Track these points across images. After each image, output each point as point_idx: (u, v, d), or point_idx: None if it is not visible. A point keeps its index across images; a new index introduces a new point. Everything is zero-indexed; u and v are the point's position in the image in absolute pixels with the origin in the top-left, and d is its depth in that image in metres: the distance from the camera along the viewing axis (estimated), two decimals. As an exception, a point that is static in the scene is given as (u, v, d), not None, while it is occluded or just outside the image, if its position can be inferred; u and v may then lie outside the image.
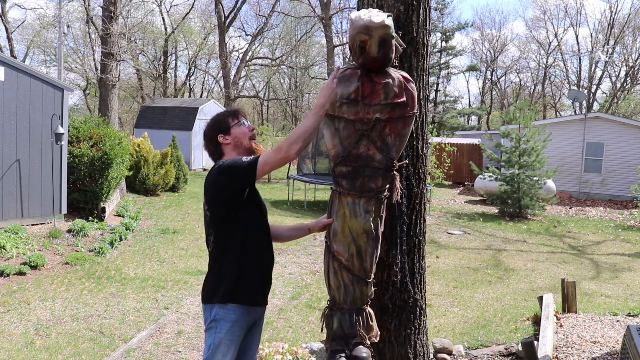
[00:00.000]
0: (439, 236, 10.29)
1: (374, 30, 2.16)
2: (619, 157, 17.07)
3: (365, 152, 2.35)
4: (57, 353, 4.38)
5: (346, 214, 2.40)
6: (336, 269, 2.45)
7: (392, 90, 2.32)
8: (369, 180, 2.38)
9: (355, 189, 2.38)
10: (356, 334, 2.44)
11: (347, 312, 2.45)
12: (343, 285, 2.44)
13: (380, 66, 2.32)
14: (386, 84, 2.31)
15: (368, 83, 2.32)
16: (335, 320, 2.48)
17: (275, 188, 16.92)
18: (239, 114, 2.60)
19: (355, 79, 2.33)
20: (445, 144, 17.38)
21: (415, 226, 2.96)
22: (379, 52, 2.22)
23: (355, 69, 2.37)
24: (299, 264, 7.66)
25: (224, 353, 2.46)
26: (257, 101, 39.04)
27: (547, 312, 4.64)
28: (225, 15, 27.16)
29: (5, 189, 7.93)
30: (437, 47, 33.47)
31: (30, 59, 31.82)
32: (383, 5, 2.86)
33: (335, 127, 2.39)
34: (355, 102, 2.32)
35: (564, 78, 38.75)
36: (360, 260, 2.41)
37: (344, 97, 2.33)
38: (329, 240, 2.50)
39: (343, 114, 2.35)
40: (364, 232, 2.38)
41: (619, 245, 10.29)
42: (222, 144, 2.53)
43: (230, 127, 2.54)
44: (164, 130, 19.39)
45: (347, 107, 2.33)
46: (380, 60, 2.27)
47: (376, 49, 2.21)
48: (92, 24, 23.03)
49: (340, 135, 2.37)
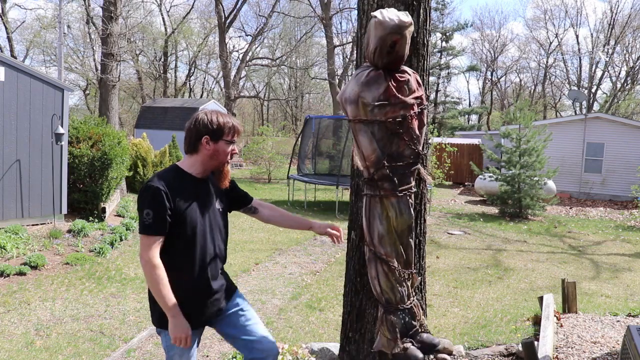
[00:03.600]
0: (439, 236, 10.29)
1: (406, 29, 2.23)
2: (619, 157, 17.07)
3: (397, 150, 2.39)
4: (57, 353, 4.38)
5: (390, 215, 2.43)
6: (386, 271, 2.48)
7: (412, 85, 2.38)
8: (404, 177, 2.42)
9: (396, 188, 2.40)
10: (416, 325, 2.52)
11: (407, 308, 2.51)
12: (396, 284, 2.49)
13: (398, 65, 2.38)
14: (407, 81, 2.37)
15: (392, 82, 2.35)
16: (398, 321, 2.51)
17: (275, 188, 16.92)
18: (235, 132, 2.47)
19: (382, 79, 2.34)
20: (445, 144, 17.37)
21: (415, 226, 2.96)
22: (399, 51, 2.30)
23: (375, 70, 2.37)
24: (299, 264, 7.66)
25: (179, 354, 2.43)
26: (257, 101, 39.07)
27: (547, 312, 4.64)
28: (225, 15, 27.17)
29: (5, 189, 7.93)
30: (437, 47, 33.46)
31: (30, 59, 31.88)
32: (383, 5, 2.86)
33: (370, 131, 2.38)
34: (385, 102, 2.34)
35: (564, 78, 38.82)
36: (406, 255, 2.48)
37: (375, 100, 2.33)
38: (373, 247, 2.50)
39: (375, 117, 2.35)
40: (407, 228, 2.44)
41: (619, 245, 10.29)
42: (203, 145, 2.42)
43: (220, 138, 2.43)
44: (164, 130, 19.40)
45: (378, 109, 2.34)
46: (397, 59, 2.34)
47: (406, 47, 2.30)
48: (92, 24, 23.05)
49: (376, 138, 2.38)
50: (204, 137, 2.41)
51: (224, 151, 2.45)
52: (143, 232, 2.30)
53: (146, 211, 2.29)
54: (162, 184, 2.32)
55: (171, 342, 2.35)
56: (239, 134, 2.50)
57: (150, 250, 2.28)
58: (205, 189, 2.50)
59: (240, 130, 2.51)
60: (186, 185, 2.41)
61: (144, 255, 2.29)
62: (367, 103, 2.34)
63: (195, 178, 2.46)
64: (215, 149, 2.43)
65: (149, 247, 2.29)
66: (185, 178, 2.43)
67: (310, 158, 15.26)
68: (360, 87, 2.35)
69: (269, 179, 18.97)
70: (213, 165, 2.48)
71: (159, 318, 2.42)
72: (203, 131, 2.41)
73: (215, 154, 2.44)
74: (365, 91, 2.33)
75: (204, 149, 2.43)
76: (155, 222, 2.29)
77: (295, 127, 38.19)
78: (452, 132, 30.10)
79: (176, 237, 2.36)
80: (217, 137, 2.42)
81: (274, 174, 19.32)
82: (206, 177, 2.52)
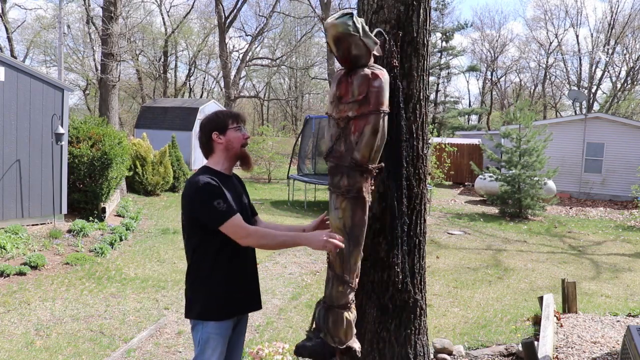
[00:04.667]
0: (439, 236, 10.29)
1: (327, 30, 2.27)
2: (619, 157, 17.06)
3: (339, 150, 2.41)
4: (57, 353, 4.38)
5: (329, 207, 2.49)
6: (329, 261, 2.51)
7: (357, 87, 2.36)
8: (341, 178, 2.43)
9: (332, 184, 2.45)
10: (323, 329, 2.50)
11: (322, 306, 2.52)
12: (329, 279, 2.51)
13: (350, 65, 2.37)
14: (352, 82, 2.37)
15: (344, 82, 2.39)
16: (316, 311, 2.56)
17: (275, 188, 16.92)
18: (239, 118, 2.61)
19: (336, 79, 2.42)
20: (445, 144, 17.36)
21: (415, 226, 2.96)
22: (338, 51, 2.30)
23: (342, 69, 2.44)
24: (299, 264, 7.66)
25: (213, 347, 2.48)
26: (257, 101, 39.05)
27: (547, 312, 4.64)
28: (225, 15, 27.17)
29: (5, 189, 7.93)
30: (437, 47, 33.46)
31: (30, 59, 31.83)
32: (383, 5, 2.86)
33: (329, 125, 2.48)
34: (337, 100, 2.40)
35: (564, 78, 38.79)
36: (341, 258, 2.45)
37: (331, 97, 2.43)
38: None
39: (332, 113, 2.44)
40: (337, 228, 2.43)
41: (619, 245, 10.29)
42: (215, 141, 2.56)
43: (227, 128, 2.56)
44: (164, 130, 19.36)
45: (332, 105, 2.42)
46: (343, 59, 2.34)
47: (334, 47, 2.31)
48: (92, 24, 23.05)
49: (331, 132, 2.46)
50: (213, 133, 2.55)
51: (236, 138, 2.56)
52: (226, 218, 2.38)
53: (216, 201, 2.38)
54: (211, 179, 2.43)
55: (322, 247, 2.35)
56: (242, 119, 2.62)
57: (243, 226, 2.40)
58: (234, 184, 2.63)
59: (242, 116, 2.64)
60: (222, 181, 2.51)
61: (243, 233, 2.39)
62: (329, 99, 2.46)
63: (224, 174, 2.57)
64: (228, 139, 2.55)
65: (241, 225, 2.40)
66: (218, 174, 2.53)
67: (310, 158, 15.26)
68: (331, 84, 2.47)
69: (269, 179, 18.97)
70: (232, 155, 2.59)
71: (199, 310, 2.51)
72: (210, 129, 2.56)
73: (229, 144, 2.56)
74: (331, 88, 2.45)
75: (217, 144, 2.56)
76: (228, 205, 2.40)
77: (295, 127, 38.19)
78: (452, 132, 30.10)
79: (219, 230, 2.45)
80: (224, 128, 2.55)
81: (274, 174, 19.31)
82: (232, 175, 2.65)
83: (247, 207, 2.67)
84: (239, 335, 2.72)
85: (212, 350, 2.48)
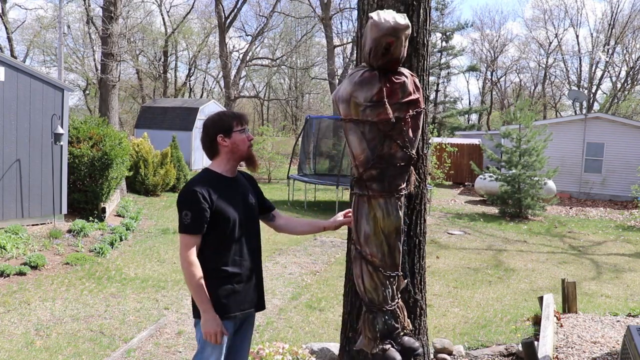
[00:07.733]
0: (439, 236, 10.29)
1: (401, 31, 2.23)
2: (619, 157, 17.06)
3: (388, 152, 2.40)
4: (57, 353, 4.38)
5: (377, 216, 2.44)
6: (370, 271, 2.48)
7: (408, 88, 2.38)
8: (395, 179, 2.43)
9: (385, 189, 2.42)
10: (398, 327, 2.52)
11: (389, 310, 2.51)
12: (380, 285, 2.49)
13: (396, 66, 2.38)
14: (402, 83, 2.37)
15: (387, 83, 2.36)
16: (379, 321, 2.52)
17: (275, 188, 16.92)
18: (243, 120, 2.60)
19: (375, 80, 2.36)
20: (445, 144, 17.35)
21: (415, 226, 2.96)
22: (396, 50, 2.29)
23: (370, 70, 2.38)
24: (299, 264, 7.66)
25: (212, 346, 2.49)
26: (257, 101, 39.02)
27: (547, 312, 4.64)
28: (225, 15, 27.15)
29: (5, 189, 7.93)
30: (437, 47, 33.44)
31: (30, 59, 31.80)
32: (383, 5, 2.86)
33: (361, 131, 2.41)
34: (377, 103, 2.35)
35: (564, 78, 38.77)
36: (392, 257, 2.47)
37: (367, 100, 2.35)
38: (359, 245, 2.52)
39: (367, 117, 2.37)
40: (394, 230, 2.44)
41: (619, 245, 10.29)
42: (220, 144, 2.55)
43: (232, 131, 2.54)
44: (164, 130, 19.37)
45: (370, 109, 2.36)
46: (401, 60, 2.34)
47: (401, 49, 2.30)
48: (92, 24, 23.03)
49: (366, 138, 2.40)
50: (218, 136, 2.54)
51: (241, 140, 2.56)
52: (182, 232, 2.43)
53: (184, 212, 2.42)
54: (199, 186, 2.44)
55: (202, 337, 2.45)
56: (245, 120, 2.62)
57: (188, 248, 2.42)
58: (238, 186, 2.63)
59: (245, 117, 2.63)
60: (221, 184, 2.53)
61: (183, 253, 2.42)
62: (359, 103, 2.36)
63: (227, 177, 2.58)
64: (233, 142, 2.55)
65: (187, 246, 2.42)
66: (219, 178, 2.55)
67: (310, 158, 15.26)
68: (353, 87, 2.37)
69: (269, 179, 18.97)
70: (238, 157, 2.60)
71: None
72: (214, 132, 2.55)
73: (234, 147, 2.56)
74: (358, 91, 2.35)
75: (223, 147, 2.55)
76: (193, 222, 2.41)
77: (295, 127, 38.18)
78: (452, 132, 30.07)
79: (219, 233, 2.48)
80: (229, 130, 2.54)
81: (274, 174, 19.32)
82: (236, 175, 2.64)
83: (252, 206, 2.65)
84: (244, 335, 2.71)
85: (212, 349, 2.49)
